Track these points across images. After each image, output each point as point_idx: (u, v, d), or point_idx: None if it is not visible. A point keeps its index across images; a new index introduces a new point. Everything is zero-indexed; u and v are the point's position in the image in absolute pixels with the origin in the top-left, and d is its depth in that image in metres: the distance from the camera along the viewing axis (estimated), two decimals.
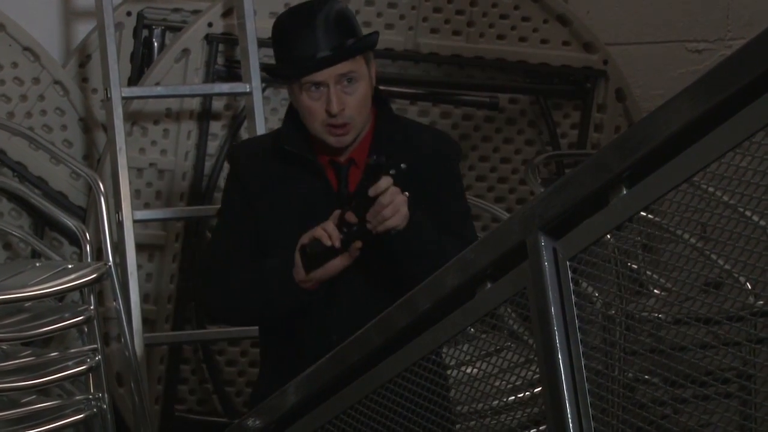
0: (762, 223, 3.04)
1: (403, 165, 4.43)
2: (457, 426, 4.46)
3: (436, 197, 4.74)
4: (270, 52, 6.50)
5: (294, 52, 4.43)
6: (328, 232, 4.47)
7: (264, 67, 4.63)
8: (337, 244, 4.50)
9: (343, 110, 4.43)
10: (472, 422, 4.38)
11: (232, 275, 4.65)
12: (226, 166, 6.57)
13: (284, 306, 4.70)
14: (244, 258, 4.66)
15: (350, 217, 4.50)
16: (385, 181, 4.45)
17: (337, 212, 4.53)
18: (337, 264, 4.58)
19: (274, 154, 4.65)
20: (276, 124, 6.59)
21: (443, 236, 4.71)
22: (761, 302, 4.07)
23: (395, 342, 4.06)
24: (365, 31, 6.63)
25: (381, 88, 6.66)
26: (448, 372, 4.12)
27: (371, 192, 4.45)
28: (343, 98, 4.42)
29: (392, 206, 4.48)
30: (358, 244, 4.59)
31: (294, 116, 4.63)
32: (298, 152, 4.53)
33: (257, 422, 4.70)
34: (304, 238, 4.54)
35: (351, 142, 4.55)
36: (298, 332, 4.81)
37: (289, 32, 4.47)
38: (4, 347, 5.76)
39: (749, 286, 3.99)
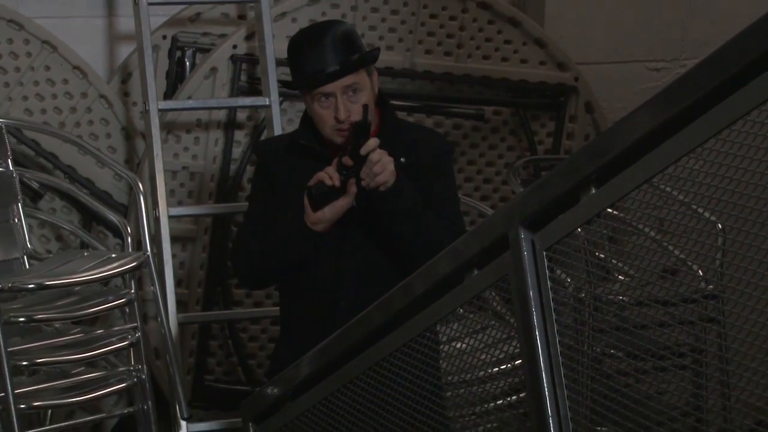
0: (712, 218, 3.04)
1: (402, 159, 4.59)
2: (448, 394, 4.46)
3: (429, 182, 4.80)
4: (287, 70, 6.52)
5: (306, 68, 4.52)
6: (329, 174, 4.53)
7: (282, 83, 4.57)
8: (337, 183, 4.55)
9: (349, 116, 4.53)
10: (461, 390, 4.37)
11: (258, 238, 4.74)
12: (249, 168, 6.61)
13: (301, 250, 4.75)
14: (267, 228, 4.74)
15: (347, 160, 4.54)
16: (374, 141, 4.55)
17: (336, 159, 4.58)
18: (340, 204, 4.63)
19: (292, 149, 4.76)
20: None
21: (428, 212, 4.78)
22: (711, 287, 4.06)
23: (394, 321, 4.05)
24: (383, 42, 6.69)
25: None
26: (441, 347, 4.11)
27: (362, 150, 4.52)
28: (349, 106, 4.52)
29: (381, 163, 4.54)
30: (354, 188, 4.61)
31: (308, 120, 4.74)
32: (311, 146, 4.66)
33: (275, 390, 4.69)
34: (310, 183, 4.58)
35: None
36: (310, 301, 4.87)
37: (302, 50, 4.56)
38: (57, 325, 5.87)
39: (701, 273, 3.98)
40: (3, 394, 5.20)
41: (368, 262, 4.87)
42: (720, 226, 3.05)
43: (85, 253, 5.96)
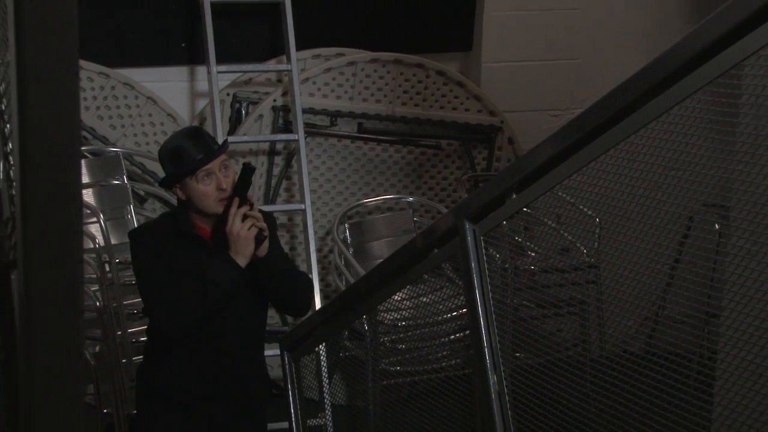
0: (592, 214, 3.05)
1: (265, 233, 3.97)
2: (418, 331, 4.46)
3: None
4: (308, 117, 6.54)
5: (192, 155, 3.85)
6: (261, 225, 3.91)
7: (161, 181, 4.02)
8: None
9: (227, 187, 3.89)
10: (426, 330, 4.38)
11: (183, 298, 3.88)
12: (285, 182, 6.59)
13: (236, 292, 3.95)
14: (179, 289, 3.90)
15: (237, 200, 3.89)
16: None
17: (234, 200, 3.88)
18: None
19: (171, 232, 3.98)
20: (312, 159, 6.61)
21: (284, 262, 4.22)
22: (591, 259, 4.08)
23: (386, 280, 4.04)
24: (368, 100, 6.69)
25: (371, 137, 6.78)
26: (413, 301, 4.11)
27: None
28: (225, 180, 3.88)
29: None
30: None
31: (181, 209, 4.01)
32: (190, 231, 3.95)
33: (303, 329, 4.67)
34: (256, 233, 3.91)
35: None
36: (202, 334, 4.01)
37: (184, 146, 3.88)
38: None
39: (584, 251, 3.99)
40: None
41: (244, 318, 4.11)
42: (597, 219, 3.07)
43: None
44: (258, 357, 4.27)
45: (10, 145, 1.86)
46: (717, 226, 2.89)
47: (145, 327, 4.28)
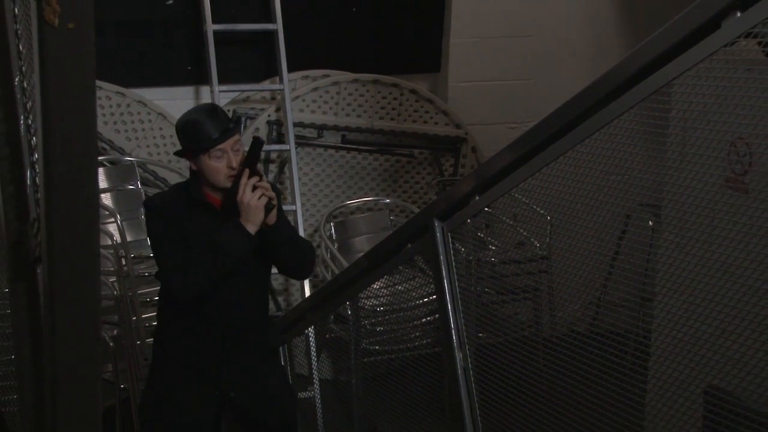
0: (542, 212, 3.05)
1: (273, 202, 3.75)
2: (394, 315, 4.46)
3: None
4: (298, 130, 6.51)
5: (209, 132, 3.65)
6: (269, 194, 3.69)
7: (177, 152, 3.81)
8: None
9: (237, 165, 3.68)
10: (401, 314, 4.38)
11: (194, 262, 3.64)
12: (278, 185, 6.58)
13: (246, 257, 3.74)
14: (190, 254, 3.68)
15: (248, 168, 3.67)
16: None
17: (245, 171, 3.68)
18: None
19: (183, 200, 3.77)
20: (302, 167, 6.59)
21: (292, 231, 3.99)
22: (543, 252, 4.08)
23: (366, 270, 4.04)
24: (350, 115, 6.68)
25: (353, 147, 6.78)
26: (390, 289, 4.10)
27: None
28: (235, 159, 3.67)
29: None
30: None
31: (194, 180, 3.79)
32: (200, 199, 3.74)
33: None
34: (266, 201, 3.70)
35: None
36: (209, 302, 3.79)
37: (202, 122, 3.66)
38: None
39: (537, 244, 3.99)
40: None
41: (248, 289, 3.89)
42: (548, 217, 3.07)
43: None
44: (263, 318, 4.05)
45: (36, 155, 1.85)
46: (651, 222, 2.89)
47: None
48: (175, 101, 6.33)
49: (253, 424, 4.05)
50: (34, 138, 2.04)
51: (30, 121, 2.13)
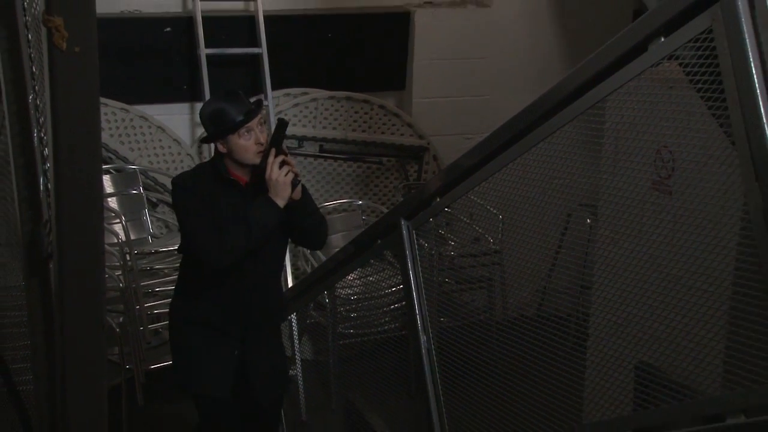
0: (495, 211, 3.06)
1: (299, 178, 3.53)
2: (366, 303, 4.45)
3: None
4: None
5: (236, 114, 3.44)
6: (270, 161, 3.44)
7: (206, 138, 3.56)
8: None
9: (265, 141, 3.49)
10: (372, 301, 4.38)
11: (229, 234, 3.42)
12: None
13: (273, 225, 3.49)
14: (221, 226, 3.45)
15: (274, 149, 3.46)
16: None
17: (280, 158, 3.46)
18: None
19: (209, 179, 3.52)
20: None
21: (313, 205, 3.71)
22: (496, 246, 4.08)
23: (341, 263, 4.03)
24: (326, 128, 6.67)
25: (330, 155, 6.76)
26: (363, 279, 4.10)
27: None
28: (262, 135, 3.47)
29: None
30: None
31: (218, 160, 3.55)
32: (227, 177, 3.52)
33: None
34: (292, 178, 3.49)
35: None
36: (231, 272, 3.54)
37: (228, 107, 3.45)
38: (166, 271, 5.55)
39: (491, 240, 4.00)
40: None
41: (268, 263, 3.66)
42: (500, 216, 3.08)
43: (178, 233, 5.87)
44: (279, 288, 3.88)
45: (48, 164, 1.84)
46: (588, 220, 2.90)
47: (169, 301, 3.80)
48: (173, 116, 6.30)
49: (251, 390, 3.75)
50: (46, 149, 2.02)
51: (42, 134, 2.11)
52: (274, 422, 3.93)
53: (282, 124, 3.49)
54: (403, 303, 3.48)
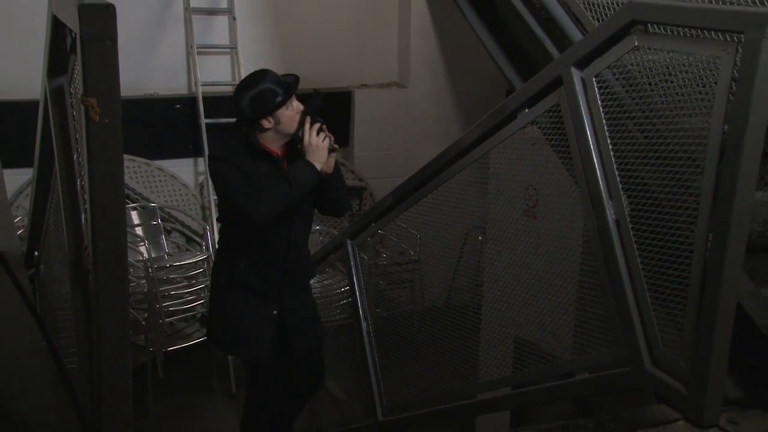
0: (414, 232, 3.05)
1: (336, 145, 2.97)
2: (323, 299, 4.40)
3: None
4: None
5: (281, 91, 2.80)
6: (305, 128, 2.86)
7: (253, 117, 2.84)
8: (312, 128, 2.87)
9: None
10: (328, 298, 4.35)
11: (269, 190, 2.77)
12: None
13: (311, 185, 2.85)
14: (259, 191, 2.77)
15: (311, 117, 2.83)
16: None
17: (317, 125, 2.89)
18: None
19: (243, 151, 2.84)
20: None
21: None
22: (415, 257, 4.06)
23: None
24: None
25: None
26: (321, 282, 4.04)
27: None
28: (299, 105, 2.86)
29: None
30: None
31: (252, 136, 2.89)
32: (264, 150, 2.87)
33: None
34: (329, 145, 2.93)
35: None
36: (267, 235, 2.92)
37: (272, 87, 2.80)
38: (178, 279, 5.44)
39: (412, 252, 3.97)
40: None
41: (303, 230, 2.99)
42: (418, 235, 3.09)
43: (187, 252, 5.77)
44: (308, 252, 3.16)
45: (87, 204, 1.81)
46: (480, 237, 2.93)
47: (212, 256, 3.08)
48: (182, 168, 6.21)
49: (292, 344, 3.12)
50: (86, 195, 2.00)
51: (82, 183, 2.09)
52: (320, 366, 3.31)
53: (317, 95, 2.93)
54: (350, 299, 3.47)
